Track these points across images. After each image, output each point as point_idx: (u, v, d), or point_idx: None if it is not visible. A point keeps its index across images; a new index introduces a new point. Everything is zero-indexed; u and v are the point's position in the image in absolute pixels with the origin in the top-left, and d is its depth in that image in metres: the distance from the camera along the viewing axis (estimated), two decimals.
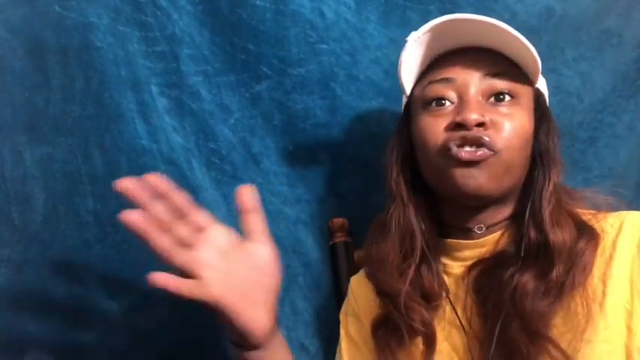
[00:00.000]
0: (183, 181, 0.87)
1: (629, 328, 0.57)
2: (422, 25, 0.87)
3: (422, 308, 0.65)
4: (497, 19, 0.86)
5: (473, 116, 0.60)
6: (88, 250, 0.86)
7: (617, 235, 0.61)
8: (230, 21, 0.88)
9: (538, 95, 0.68)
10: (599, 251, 0.61)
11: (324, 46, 0.88)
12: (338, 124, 0.90)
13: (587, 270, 0.59)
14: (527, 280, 0.59)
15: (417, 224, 0.68)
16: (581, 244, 0.60)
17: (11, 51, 0.84)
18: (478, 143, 0.60)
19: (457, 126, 0.62)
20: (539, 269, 0.60)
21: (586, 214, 0.65)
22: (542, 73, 0.88)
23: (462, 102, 0.63)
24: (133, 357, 0.87)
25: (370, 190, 0.90)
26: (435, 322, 0.66)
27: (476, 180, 0.61)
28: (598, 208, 0.66)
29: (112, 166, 0.86)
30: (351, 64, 0.89)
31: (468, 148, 0.61)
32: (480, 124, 0.61)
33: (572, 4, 0.88)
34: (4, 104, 0.84)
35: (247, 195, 0.64)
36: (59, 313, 0.85)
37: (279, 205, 0.90)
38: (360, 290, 0.76)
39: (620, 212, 0.64)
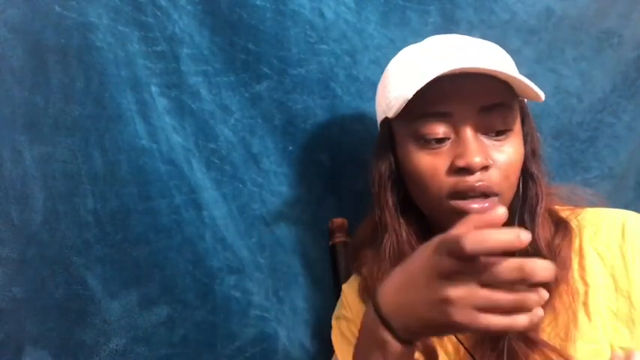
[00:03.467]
0: (183, 181, 0.88)
1: (614, 328, 0.57)
2: (421, 25, 0.88)
3: None
4: (497, 19, 0.88)
5: (476, 159, 0.58)
6: (87, 250, 0.86)
7: (595, 233, 0.61)
8: (230, 21, 0.87)
9: (523, 107, 0.66)
10: (576, 248, 0.61)
11: (324, 46, 0.88)
12: (338, 124, 0.90)
13: (566, 265, 0.59)
14: None
15: (409, 248, 0.66)
16: (557, 240, 0.61)
17: (11, 50, 0.84)
18: (484, 191, 0.59)
19: (460, 169, 0.60)
20: None
21: (565, 210, 0.65)
22: (542, 73, 0.88)
23: (460, 140, 0.60)
24: (133, 357, 0.87)
25: (370, 190, 0.90)
26: None
27: None
28: (576, 203, 0.66)
29: (112, 166, 0.86)
30: (351, 64, 0.89)
31: (476, 202, 0.59)
32: (484, 167, 0.60)
33: (572, 4, 0.88)
34: (3, 103, 0.84)
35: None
36: (59, 313, 0.85)
37: (279, 205, 0.90)
38: (352, 298, 0.76)
39: (598, 209, 0.64)
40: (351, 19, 0.88)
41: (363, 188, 0.90)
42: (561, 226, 0.62)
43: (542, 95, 0.60)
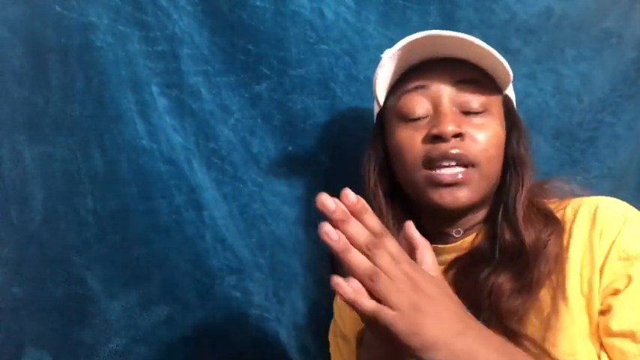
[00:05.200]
0: (183, 181, 0.88)
1: (582, 315, 0.58)
2: (421, 25, 0.88)
3: None
4: (497, 19, 0.88)
5: (450, 127, 0.61)
6: (87, 250, 0.86)
7: (572, 222, 0.62)
8: (230, 21, 0.88)
9: (507, 102, 0.68)
10: (564, 241, 0.62)
11: (323, 47, 0.88)
12: (337, 124, 0.90)
13: (550, 261, 0.60)
14: (503, 281, 0.60)
15: (396, 235, 0.67)
16: (545, 235, 0.61)
17: (11, 50, 0.84)
18: (458, 159, 0.61)
19: (434, 138, 0.62)
20: (515, 271, 0.61)
21: (553, 203, 0.66)
22: (542, 73, 0.88)
23: (437, 113, 0.64)
24: (133, 357, 0.87)
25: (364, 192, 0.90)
26: None
27: (457, 199, 0.62)
28: (565, 196, 0.66)
29: (112, 166, 0.86)
30: (351, 65, 0.89)
31: (449, 170, 0.62)
32: (457, 135, 0.62)
33: (572, 4, 0.88)
34: (3, 103, 0.84)
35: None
36: (59, 312, 0.85)
37: (279, 205, 0.90)
38: (345, 305, 0.76)
39: (580, 198, 0.64)
40: (351, 19, 0.88)
41: (362, 188, 0.91)
42: (551, 221, 0.63)
43: (510, 73, 0.63)
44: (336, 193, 0.91)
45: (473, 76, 0.64)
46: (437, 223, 0.68)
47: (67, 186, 0.85)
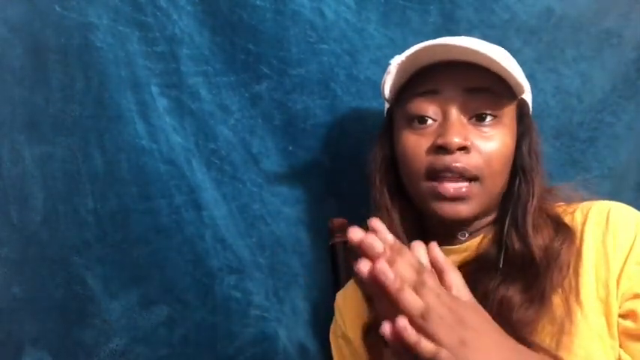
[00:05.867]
0: (183, 181, 0.88)
1: (598, 317, 0.58)
2: (421, 25, 0.88)
3: None
4: (497, 19, 0.88)
5: (455, 139, 0.60)
6: (87, 250, 0.86)
7: (583, 226, 0.62)
8: (230, 21, 0.88)
9: (522, 106, 0.67)
10: (576, 247, 0.61)
11: (324, 46, 0.88)
12: (338, 124, 0.90)
13: (563, 270, 0.60)
14: (513, 294, 0.60)
15: (402, 234, 0.67)
16: (557, 243, 0.61)
17: (11, 50, 0.84)
18: (461, 172, 0.61)
19: (439, 148, 0.61)
20: (524, 282, 0.60)
21: (560, 206, 0.66)
22: (542, 73, 0.88)
23: (445, 121, 0.63)
24: (133, 357, 0.87)
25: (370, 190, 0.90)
26: None
27: (459, 212, 0.62)
28: (572, 200, 0.66)
29: (112, 166, 0.86)
30: (351, 64, 0.89)
31: (452, 184, 0.61)
32: (462, 148, 0.61)
33: (572, 4, 0.88)
34: (3, 103, 0.84)
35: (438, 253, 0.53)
36: (59, 313, 0.86)
37: (279, 205, 0.90)
38: (345, 305, 0.76)
39: (589, 202, 0.64)
40: (352, 19, 0.88)
41: (363, 188, 0.90)
42: (562, 228, 0.62)
43: (523, 85, 0.63)
44: (336, 194, 0.92)
45: (484, 84, 0.62)
46: (442, 226, 0.67)
47: (67, 186, 0.85)
